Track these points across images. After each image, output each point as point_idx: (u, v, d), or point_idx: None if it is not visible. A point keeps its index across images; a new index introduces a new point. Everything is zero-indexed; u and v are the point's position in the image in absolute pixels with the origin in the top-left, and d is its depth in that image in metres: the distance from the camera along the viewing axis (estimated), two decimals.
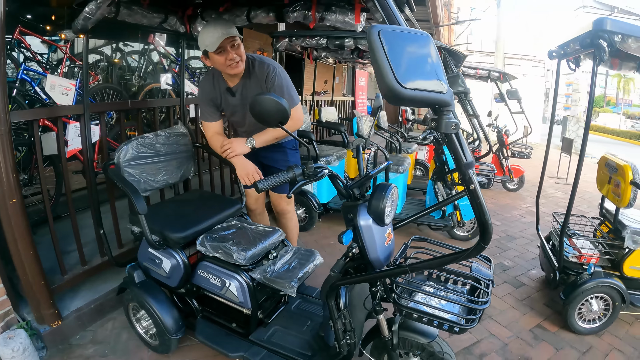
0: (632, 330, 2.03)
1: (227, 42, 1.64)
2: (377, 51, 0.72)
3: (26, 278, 1.64)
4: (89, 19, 1.52)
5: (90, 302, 1.91)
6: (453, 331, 1.20)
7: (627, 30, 1.53)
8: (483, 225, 0.89)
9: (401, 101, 0.76)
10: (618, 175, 1.95)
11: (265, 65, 1.80)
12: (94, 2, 1.46)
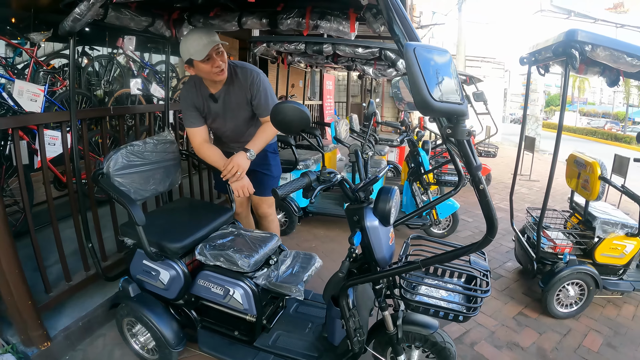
0: (606, 312, 2.23)
1: (213, 51, 1.65)
2: (413, 67, 0.77)
3: (11, 299, 1.54)
4: (78, 20, 1.45)
5: (77, 320, 1.82)
6: (458, 320, 1.30)
7: (596, 41, 1.70)
8: (490, 220, 0.97)
9: (432, 112, 0.82)
10: (587, 171, 2.14)
11: (249, 71, 1.82)
12: (85, 3, 1.40)
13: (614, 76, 2.07)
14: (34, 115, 2.07)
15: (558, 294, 2.13)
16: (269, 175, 2.17)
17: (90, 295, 1.99)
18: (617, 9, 11.37)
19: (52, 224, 1.81)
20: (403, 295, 1.35)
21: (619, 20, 11.46)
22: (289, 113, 1.10)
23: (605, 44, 1.70)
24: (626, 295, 2.37)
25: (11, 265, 1.53)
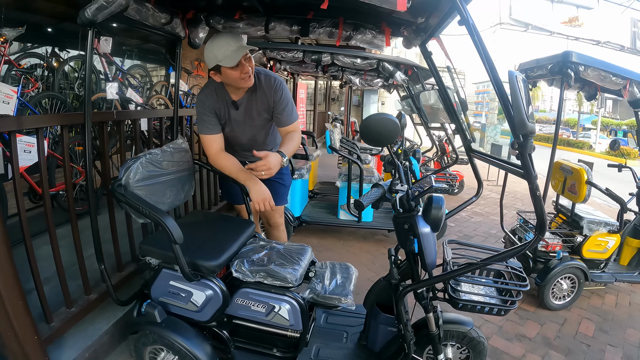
0: (592, 302, 2.53)
1: (243, 57, 1.60)
2: (515, 92, 0.88)
3: (12, 334, 1.34)
4: (104, 9, 1.32)
5: (84, 351, 1.63)
6: (500, 314, 1.41)
7: (588, 62, 1.94)
8: (542, 221, 1.10)
9: (525, 130, 0.95)
10: (573, 177, 2.43)
11: (272, 79, 1.79)
12: None
13: (593, 91, 2.37)
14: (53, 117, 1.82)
15: (553, 288, 2.38)
16: (283, 184, 2.15)
17: (91, 321, 1.79)
18: (572, 22, 12.66)
19: (52, 243, 1.61)
20: (452, 295, 1.43)
21: (573, 33, 12.79)
22: (380, 126, 1.12)
23: (595, 65, 1.96)
24: (608, 286, 2.70)
25: (14, 295, 1.34)
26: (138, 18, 1.59)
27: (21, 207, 1.45)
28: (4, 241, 1.30)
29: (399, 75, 2.96)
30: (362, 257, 3.09)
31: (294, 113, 1.83)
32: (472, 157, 1.70)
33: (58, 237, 1.67)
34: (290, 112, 1.82)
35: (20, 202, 1.45)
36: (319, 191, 4.47)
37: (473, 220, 4.39)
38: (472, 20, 1.02)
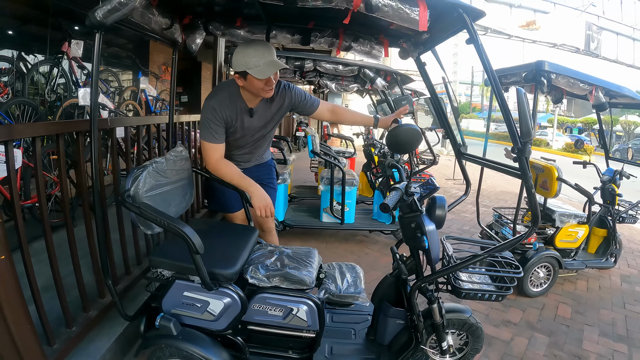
0: (566, 288, 2.86)
1: None
2: (522, 106, 1.08)
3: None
4: (116, 11, 1.29)
5: None
6: (498, 300, 1.62)
7: (559, 70, 2.23)
8: (535, 214, 1.32)
9: (530, 138, 1.14)
10: (545, 174, 2.73)
11: (280, 83, 1.91)
12: None
13: (559, 95, 2.69)
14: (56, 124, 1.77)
15: (531, 276, 2.66)
16: (273, 188, 2.24)
17: (91, 339, 1.77)
18: (529, 26, 13.70)
19: (50, 260, 1.58)
20: (455, 286, 1.61)
21: (531, 36, 13.90)
22: (405, 135, 1.26)
23: (565, 73, 2.25)
24: (579, 273, 3.05)
25: (20, 317, 1.31)
26: (140, 22, 1.61)
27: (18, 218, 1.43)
28: (9, 260, 1.29)
29: (380, 81, 3.15)
30: (347, 258, 3.24)
31: (313, 97, 1.99)
32: (462, 160, 1.90)
33: (37, 252, 1.64)
34: (311, 96, 1.98)
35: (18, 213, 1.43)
36: (296, 195, 4.59)
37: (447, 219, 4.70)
38: (481, 41, 1.19)
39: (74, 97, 3.17)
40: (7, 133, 1.36)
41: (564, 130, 26.43)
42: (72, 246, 1.71)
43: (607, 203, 2.90)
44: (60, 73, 3.19)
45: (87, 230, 1.82)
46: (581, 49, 13.71)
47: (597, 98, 2.48)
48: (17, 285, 1.32)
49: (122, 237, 2.08)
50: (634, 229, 4.75)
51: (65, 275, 1.68)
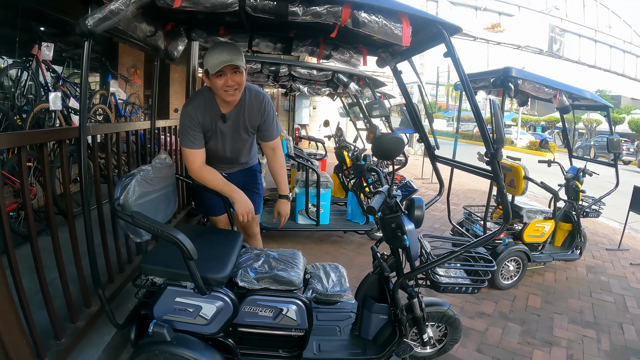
0: (534, 279, 3.12)
1: (229, 69, 1.73)
2: (497, 115, 1.22)
3: None
4: (108, 19, 1.33)
5: None
6: (474, 292, 1.81)
7: (525, 76, 2.46)
8: (507, 212, 1.47)
9: (503, 144, 1.28)
10: (512, 173, 2.97)
11: (261, 96, 1.96)
12: (124, 1, 1.31)
13: (525, 98, 2.93)
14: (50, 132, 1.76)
15: (501, 270, 2.88)
16: (258, 193, 2.33)
17: (80, 350, 1.77)
18: (494, 28, 14.32)
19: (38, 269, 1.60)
20: (433, 281, 1.76)
21: (496, 38, 14.56)
22: (390, 143, 1.39)
23: (531, 79, 2.48)
24: (547, 265, 3.32)
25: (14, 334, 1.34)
26: (126, 29, 1.65)
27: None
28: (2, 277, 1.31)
29: (353, 86, 3.31)
30: (324, 258, 3.37)
31: (278, 128, 2.05)
32: (436, 162, 2.07)
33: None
34: (276, 127, 2.03)
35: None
36: (269, 197, 4.65)
37: None
38: (457, 55, 1.34)
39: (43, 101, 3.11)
40: None
41: (528, 129, 27.83)
42: (58, 254, 1.72)
43: (571, 199, 3.18)
44: (30, 77, 3.12)
45: (71, 238, 1.83)
46: (544, 51, 14.61)
47: (560, 101, 2.73)
48: (10, 300, 1.33)
49: (105, 245, 2.10)
50: (598, 222, 5.17)
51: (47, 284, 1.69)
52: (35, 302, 1.64)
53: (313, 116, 13.33)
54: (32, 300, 1.61)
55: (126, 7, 1.32)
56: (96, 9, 1.32)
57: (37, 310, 1.61)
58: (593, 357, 2.17)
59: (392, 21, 1.29)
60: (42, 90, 3.20)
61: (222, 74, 1.72)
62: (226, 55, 1.70)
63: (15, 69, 3.10)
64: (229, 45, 1.78)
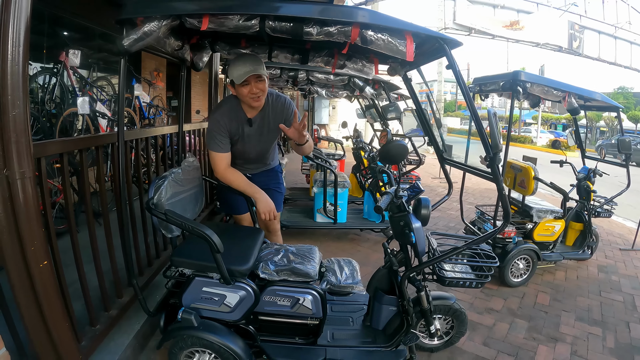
0: (544, 278, 3.21)
1: (253, 78, 1.92)
2: (492, 125, 1.37)
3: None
4: (142, 40, 1.51)
5: None
6: (477, 286, 1.94)
7: (533, 79, 2.56)
8: (507, 212, 1.61)
9: (499, 151, 1.42)
10: (523, 174, 3.07)
11: (282, 98, 2.17)
12: (156, 22, 1.48)
13: (536, 99, 3.03)
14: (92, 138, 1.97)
15: (511, 268, 2.99)
16: (280, 192, 2.51)
17: (112, 337, 1.99)
18: (513, 26, 14.22)
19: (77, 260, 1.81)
20: (439, 275, 1.91)
21: (514, 36, 14.51)
22: (396, 149, 1.56)
23: (539, 82, 2.59)
24: (558, 264, 3.41)
25: (59, 320, 1.49)
26: (157, 46, 1.86)
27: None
28: (51, 266, 1.49)
29: (369, 90, 3.46)
30: (340, 255, 3.44)
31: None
32: (444, 164, 2.21)
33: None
34: None
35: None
36: (289, 197, 4.86)
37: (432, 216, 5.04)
38: (458, 67, 1.49)
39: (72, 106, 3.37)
40: (41, 150, 1.58)
41: (549, 127, 27.34)
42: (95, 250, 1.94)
43: (582, 199, 3.26)
44: (58, 82, 3.40)
45: (107, 233, 2.05)
46: (564, 48, 14.43)
47: (569, 103, 2.83)
48: (56, 289, 1.50)
49: (136, 240, 2.32)
50: (614, 222, 5.18)
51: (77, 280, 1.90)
52: (72, 292, 1.80)
53: (333, 116, 13.55)
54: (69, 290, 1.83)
55: (158, 29, 1.50)
56: (131, 31, 1.50)
57: (74, 299, 1.83)
58: (597, 353, 2.26)
59: (397, 38, 1.45)
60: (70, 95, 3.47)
61: (247, 83, 1.92)
62: (249, 66, 1.89)
63: (44, 75, 3.37)
64: (250, 57, 1.96)
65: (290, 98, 2.23)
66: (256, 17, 1.44)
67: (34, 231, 1.37)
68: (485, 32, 13.38)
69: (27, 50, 1.29)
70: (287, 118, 2.15)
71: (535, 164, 4.79)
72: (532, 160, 5.07)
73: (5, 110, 1.26)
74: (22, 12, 1.26)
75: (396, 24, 1.44)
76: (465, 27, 13.36)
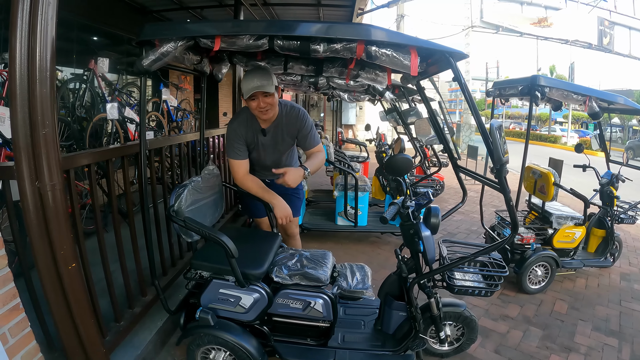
0: (564, 285, 3.14)
1: (260, 93, 2.01)
2: (495, 138, 1.38)
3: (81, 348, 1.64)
4: (159, 60, 1.60)
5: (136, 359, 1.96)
6: (487, 295, 1.94)
7: (552, 84, 2.51)
8: (514, 222, 1.61)
9: (502, 165, 1.43)
10: (542, 180, 3.01)
11: (297, 110, 2.23)
12: (172, 44, 1.57)
13: (559, 103, 2.96)
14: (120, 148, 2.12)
15: (529, 275, 2.95)
16: (299, 198, 2.59)
17: (136, 332, 2.12)
18: (541, 23, 13.74)
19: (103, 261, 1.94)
20: (448, 283, 1.93)
21: (543, 33, 14.08)
22: (401, 162, 1.61)
23: (559, 86, 2.53)
24: (577, 272, 3.33)
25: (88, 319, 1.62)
26: (176, 62, 1.96)
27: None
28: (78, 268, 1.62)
29: (388, 95, 3.47)
30: (359, 258, 3.57)
31: (317, 137, 2.29)
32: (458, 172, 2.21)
33: None
34: (314, 137, 2.27)
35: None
36: (313, 199, 4.94)
37: (455, 219, 5.00)
38: (464, 79, 1.51)
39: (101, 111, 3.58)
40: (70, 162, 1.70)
41: (580, 125, 26.21)
42: (121, 250, 2.08)
43: (605, 205, 3.16)
44: (87, 89, 3.61)
45: (132, 236, 2.18)
46: (593, 45, 13.82)
47: (590, 107, 2.74)
48: (84, 289, 1.64)
49: (160, 242, 2.46)
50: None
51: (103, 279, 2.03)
52: (99, 289, 1.93)
53: (360, 117, 13.54)
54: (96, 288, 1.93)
55: (174, 49, 1.60)
56: (150, 51, 1.60)
57: (100, 296, 1.94)
58: None
59: (402, 53, 1.48)
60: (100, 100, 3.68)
61: (254, 98, 2.01)
62: (256, 82, 1.99)
63: (74, 82, 3.58)
64: (259, 72, 2.04)
65: (305, 110, 2.29)
66: (265, 36, 1.51)
67: (64, 236, 1.51)
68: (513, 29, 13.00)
69: (53, 74, 1.42)
70: (300, 129, 2.22)
71: (561, 167, 4.67)
72: (558, 162, 4.95)
73: (36, 129, 1.39)
74: (48, 38, 1.37)
75: (400, 39, 1.47)
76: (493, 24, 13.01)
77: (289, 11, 6.07)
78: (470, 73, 12.57)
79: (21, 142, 1.39)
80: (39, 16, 1.33)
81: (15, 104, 1.37)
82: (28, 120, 1.38)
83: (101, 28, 4.06)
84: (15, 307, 1.49)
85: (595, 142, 3.33)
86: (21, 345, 1.51)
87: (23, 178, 1.41)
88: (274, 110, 2.11)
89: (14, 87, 1.36)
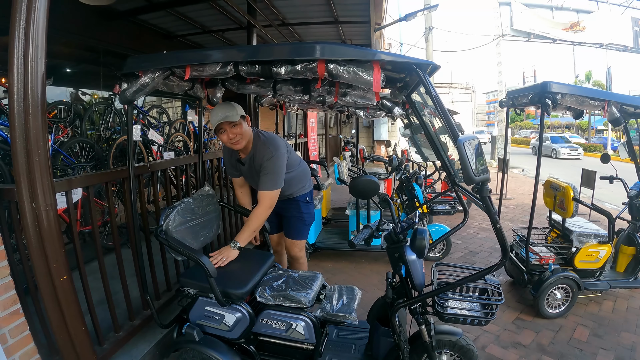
0: (589, 309, 2.79)
1: (227, 125, 2.05)
2: (463, 155, 1.25)
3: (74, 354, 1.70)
4: (140, 91, 1.67)
5: None
6: (481, 324, 1.76)
7: (565, 90, 2.27)
8: (504, 248, 1.44)
9: (473, 183, 1.29)
10: (562, 194, 2.72)
11: (269, 153, 2.13)
12: (150, 75, 1.63)
13: (579, 111, 2.67)
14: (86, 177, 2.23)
15: (547, 298, 2.65)
16: (302, 221, 2.52)
17: (134, 344, 2.16)
18: (573, 28, 12.85)
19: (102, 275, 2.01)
20: (438, 310, 1.77)
21: (575, 38, 13.15)
22: (364, 185, 1.52)
23: (572, 92, 2.28)
24: (605, 293, 2.95)
25: (79, 329, 1.70)
26: (166, 89, 2.01)
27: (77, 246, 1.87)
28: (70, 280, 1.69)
29: (397, 110, 3.34)
30: (372, 278, 3.42)
31: (268, 183, 2.12)
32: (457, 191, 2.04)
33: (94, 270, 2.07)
34: (265, 182, 2.13)
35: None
36: (332, 217, 4.81)
37: (479, 237, 4.68)
38: (436, 92, 1.39)
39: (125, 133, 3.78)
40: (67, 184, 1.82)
41: (621, 134, 23.82)
42: (120, 267, 2.15)
43: (635, 219, 2.79)
44: (113, 111, 3.83)
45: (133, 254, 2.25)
46: (630, 47, 12.60)
47: (610, 113, 2.44)
48: (75, 300, 1.71)
49: (164, 259, 2.51)
50: None
51: (117, 291, 2.14)
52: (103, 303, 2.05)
53: (392, 132, 13.22)
54: (102, 301, 2.05)
55: (152, 80, 1.66)
56: (132, 83, 1.67)
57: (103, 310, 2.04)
58: None
59: (363, 69, 1.39)
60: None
61: (223, 131, 2.07)
62: (220, 114, 2.04)
63: (100, 106, 3.82)
64: (223, 105, 2.09)
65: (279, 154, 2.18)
66: (229, 63, 1.50)
67: (56, 251, 1.61)
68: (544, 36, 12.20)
69: (44, 108, 1.53)
70: (260, 168, 2.16)
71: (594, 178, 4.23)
72: (591, 174, 4.48)
73: (31, 156, 1.51)
74: (39, 76, 1.48)
75: (361, 54, 1.38)
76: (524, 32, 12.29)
77: (309, 30, 6.12)
78: (504, 83, 11.92)
79: (20, 168, 1.51)
80: (29, 59, 1.45)
81: (15, 135, 1.51)
82: (24, 149, 1.50)
83: (127, 53, 4.32)
84: (16, 312, 1.62)
85: (624, 150, 2.96)
86: (20, 346, 1.63)
87: (23, 199, 1.53)
88: (245, 139, 2.13)
89: (13, 119, 1.49)
